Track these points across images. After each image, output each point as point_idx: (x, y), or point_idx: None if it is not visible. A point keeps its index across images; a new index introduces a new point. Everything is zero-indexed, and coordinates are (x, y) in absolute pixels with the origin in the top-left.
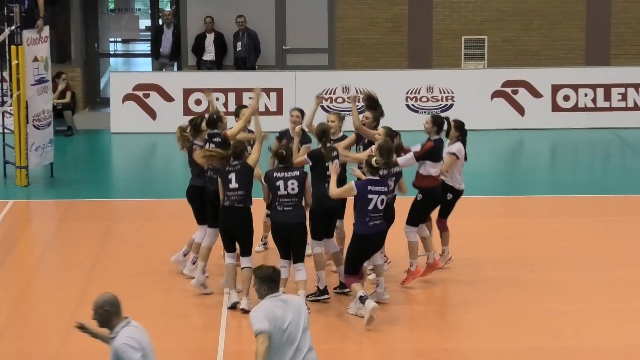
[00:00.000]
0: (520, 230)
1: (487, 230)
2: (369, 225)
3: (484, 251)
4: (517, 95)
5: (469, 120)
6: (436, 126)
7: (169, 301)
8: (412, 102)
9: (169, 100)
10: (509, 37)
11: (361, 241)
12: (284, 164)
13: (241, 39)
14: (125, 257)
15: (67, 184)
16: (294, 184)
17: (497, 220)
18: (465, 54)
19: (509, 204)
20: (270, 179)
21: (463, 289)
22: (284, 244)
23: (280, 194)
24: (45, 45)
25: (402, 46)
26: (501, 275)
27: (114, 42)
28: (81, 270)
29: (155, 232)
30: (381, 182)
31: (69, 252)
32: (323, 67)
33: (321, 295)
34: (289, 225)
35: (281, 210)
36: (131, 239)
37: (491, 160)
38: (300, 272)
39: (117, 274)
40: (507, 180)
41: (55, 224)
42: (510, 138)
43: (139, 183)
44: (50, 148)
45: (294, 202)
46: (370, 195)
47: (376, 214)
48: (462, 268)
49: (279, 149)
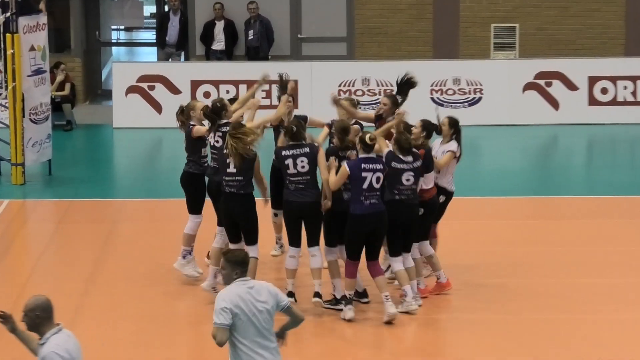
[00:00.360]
0: (551, 233)
1: (514, 234)
2: (365, 205)
3: (509, 256)
4: (550, 87)
5: (498, 114)
6: (426, 131)
7: (176, 308)
8: (437, 95)
9: (176, 92)
10: (543, 25)
11: (357, 222)
12: (293, 141)
13: (253, 26)
14: (128, 261)
15: (66, 182)
16: (304, 161)
17: (525, 222)
18: (495, 43)
19: (540, 205)
20: (279, 157)
21: (484, 297)
22: (295, 227)
23: (289, 172)
24: (42, 33)
25: (427, 35)
26: (526, 281)
27: (116, 30)
28: (81, 276)
29: (161, 235)
30: (375, 159)
31: (68, 255)
32: (341, 57)
33: (337, 304)
34: (302, 205)
35: (293, 190)
36: (135, 241)
37: (522, 158)
38: (315, 259)
39: (120, 279)
40: (539, 180)
41: (53, 225)
42: (543, 134)
43: (143, 182)
44: (48, 144)
45: (306, 180)
46: (364, 173)
47: (372, 192)
48: (485, 275)
49: (289, 124)
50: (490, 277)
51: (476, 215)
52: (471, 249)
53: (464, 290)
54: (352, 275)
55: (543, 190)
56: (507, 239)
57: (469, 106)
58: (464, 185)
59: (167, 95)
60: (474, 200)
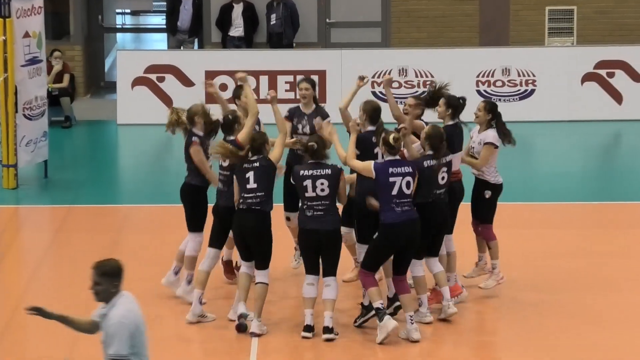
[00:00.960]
0: (610, 244)
1: (568, 245)
2: (397, 212)
3: (563, 270)
4: (613, 78)
5: (554, 109)
6: (451, 109)
7: (186, 328)
8: (485, 87)
9: (188, 84)
10: (604, 8)
11: (389, 231)
12: (315, 159)
13: (276, 10)
14: (134, 275)
15: (64, 186)
16: (324, 184)
17: (584, 232)
18: (550, 29)
19: (600, 212)
20: (297, 178)
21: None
22: (312, 255)
23: (307, 195)
24: (38, 17)
25: (473, 19)
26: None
27: (121, 14)
28: (81, 292)
29: (171, 245)
30: (403, 162)
31: (66, 269)
32: (375, 44)
33: (367, 314)
34: (320, 233)
35: (310, 216)
36: (141, 253)
37: (580, 158)
38: (329, 289)
39: None
40: (598, 183)
41: (50, 234)
42: (605, 131)
43: (151, 186)
44: (44, 143)
45: (325, 205)
46: (392, 178)
47: (404, 199)
48: (532, 291)
49: (309, 141)
50: (538, 292)
51: (526, 224)
52: (520, 261)
53: (506, 307)
54: (373, 284)
55: (603, 196)
56: (560, 251)
57: (520, 100)
58: (513, 189)
59: (178, 87)
60: (524, 207)
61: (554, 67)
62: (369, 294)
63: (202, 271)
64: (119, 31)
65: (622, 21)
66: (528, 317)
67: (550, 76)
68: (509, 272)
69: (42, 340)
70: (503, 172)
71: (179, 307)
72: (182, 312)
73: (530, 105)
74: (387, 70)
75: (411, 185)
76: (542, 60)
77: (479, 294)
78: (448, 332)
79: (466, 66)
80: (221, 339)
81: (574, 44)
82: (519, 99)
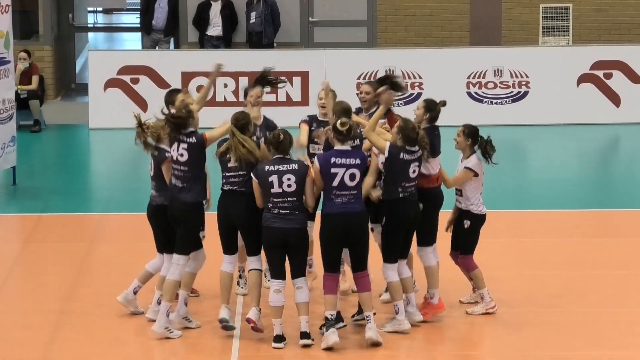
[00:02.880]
0: (609, 254)
1: (563, 254)
2: (336, 203)
3: (558, 281)
4: (610, 80)
5: (549, 112)
6: (429, 112)
7: (167, 343)
8: (475, 89)
9: (164, 86)
10: (601, 6)
11: (327, 222)
12: (280, 154)
13: (256, 7)
14: (107, 288)
15: (33, 193)
16: (291, 180)
17: (578, 240)
18: (544, 27)
19: (597, 220)
20: (261, 174)
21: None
22: (278, 257)
23: (273, 192)
24: (6, 16)
25: (463, 17)
26: (578, 312)
27: (93, 13)
28: (52, 305)
29: (146, 256)
30: (350, 152)
31: (36, 281)
32: (360, 44)
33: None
34: (287, 232)
35: (276, 213)
36: (115, 263)
37: (576, 163)
38: (301, 292)
39: (97, 309)
40: (596, 190)
41: (19, 245)
42: (602, 135)
43: (125, 193)
44: (12, 148)
45: (291, 202)
46: (334, 169)
47: (345, 191)
48: (522, 304)
49: (274, 132)
50: (533, 306)
51: (520, 232)
52: (512, 272)
53: (499, 319)
54: (330, 291)
55: (601, 203)
56: (556, 261)
57: (513, 102)
58: (506, 196)
59: (153, 89)
60: (518, 214)
61: (549, 67)
62: (324, 301)
63: (189, 273)
64: (90, 30)
65: (620, 19)
66: (516, 330)
67: (545, 77)
68: (502, 283)
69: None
70: (495, 178)
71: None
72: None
73: (524, 108)
74: (373, 72)
75: (356, 178)
76: (536, 61)
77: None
78: (432, 343)
79: (456, 67)
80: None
81: (570, 43)
82: (512, 102)
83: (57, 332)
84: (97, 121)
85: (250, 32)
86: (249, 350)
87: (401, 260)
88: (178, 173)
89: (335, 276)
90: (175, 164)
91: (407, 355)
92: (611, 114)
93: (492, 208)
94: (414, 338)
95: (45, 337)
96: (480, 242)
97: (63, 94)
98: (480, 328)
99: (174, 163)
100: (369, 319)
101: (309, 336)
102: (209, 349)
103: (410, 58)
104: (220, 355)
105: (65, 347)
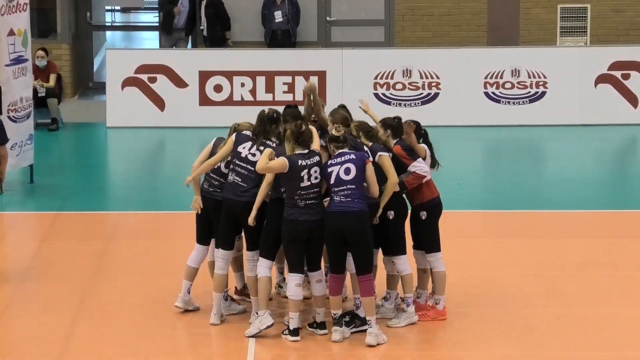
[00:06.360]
0: (626, 255)
1: (580, 255)
2: (335, 201)
3: (573, 281)
4: (628, 80)
5: (566, 112)
6: (389, 129)
7: (178, 343)
8: (493, 90)
9: (182, 85)
10: (619, 6)
11: (327, 222)
12: (301, 146)
13: (281, 7)
14: (125, 286)
15: (50, 192)
16: (317, 172)
17: (599, 242)
18: (562, 28)
19: (614, 221)
20: (296, 167)
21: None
22: (300, 250)
23: (302, 185)
24: (24, 14)
25: (481, 17)
26: (590, 313)
27: (111, 12)
28: (68, 304)
29: (164, 255)
30: (344, 152)
31: (53, 279)
32: (378, 44)
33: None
34: (312, 224)
35: (303, 206)
36: (132, 262)
37: (593, 164)
38: (321, 285)
39: (115, 307)
40: (613, 191)
41: (36, 243)
42: (620, 135)
43: (142, 191)
44: (30, 146)
45: (317, 193)
46: (330, 168)
47: (342, 186)
48: (540, 304)
49: (296, 123)
50: (553, 307)
51: (536, 233)
52: (529, 272)
53: (503, 321)
54: (336, 292)
55: (618, 204)
56: (572, 261)
57: (530, 102)
58: (521, 197)
59: (171, 88)
60: (534, 215)
61: (566, 68)
62: (330, 302)
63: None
64: (108, 29)
65: (638, 20)
66: (533, 329)
67: (562, 78)
68: (519, 283)
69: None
70: (512, 179)
71: (177, 319)
72: (174, 320)
73: (541, 108)
74: (390, 72)
75: (351, 172)
76: (554, 61)
77: (472, 301)
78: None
79: (473, 67)
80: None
81: (587, 43)
82: (529, 102)
83: (73, 330)
84: (114, 120)
85: (274, 31)
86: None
87: (404, 256)
88: (241, 171)
89: (340, 277)
90: (243, 162)
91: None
92: (629, 115)
93: (509, 208)
94: (408, 341)
95: (62, 335)
96: (496, 242)
97: (81, 93)
98: (491, 328)
99: (240, 161)
100: (370, 323)
101: (325, 326)
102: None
103: (428, 58)
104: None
105: (82, 344)
